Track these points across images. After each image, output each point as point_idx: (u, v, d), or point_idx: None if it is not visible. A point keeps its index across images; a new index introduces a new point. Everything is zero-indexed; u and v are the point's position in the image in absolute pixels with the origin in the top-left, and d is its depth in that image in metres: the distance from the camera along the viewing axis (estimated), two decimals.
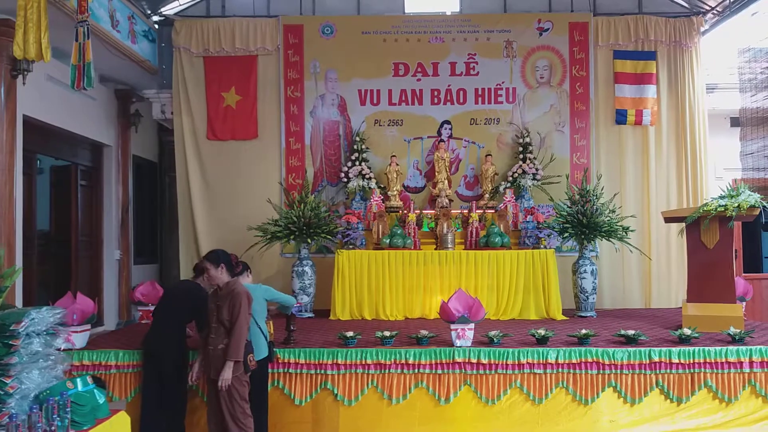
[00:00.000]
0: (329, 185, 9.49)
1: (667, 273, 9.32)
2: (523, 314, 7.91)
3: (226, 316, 4.75)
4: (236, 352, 4.64)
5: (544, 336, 5.86)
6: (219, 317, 4.80)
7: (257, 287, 5.43)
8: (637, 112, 9.41)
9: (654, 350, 5.72)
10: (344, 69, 9.52)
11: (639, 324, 7.32)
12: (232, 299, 4.75)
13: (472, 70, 9.53)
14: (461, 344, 5.75)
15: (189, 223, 9.46)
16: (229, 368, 4.64)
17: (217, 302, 4.87)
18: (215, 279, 4.92)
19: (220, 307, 4.81)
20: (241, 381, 4.75)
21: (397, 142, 9.49)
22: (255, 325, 5.32)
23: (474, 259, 8.01)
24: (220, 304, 4.83)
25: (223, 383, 4.63)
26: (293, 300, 5.62)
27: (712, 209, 6.62)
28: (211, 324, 4.91)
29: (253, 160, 9.49)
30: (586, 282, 8.05)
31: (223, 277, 4.91)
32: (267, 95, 9.55)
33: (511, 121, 9.51)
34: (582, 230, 7.95)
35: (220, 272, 4.89)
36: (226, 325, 4.75)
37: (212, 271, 4.89)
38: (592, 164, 9.40)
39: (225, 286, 4.90)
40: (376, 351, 5.74)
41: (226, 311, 4.76)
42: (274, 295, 5.46)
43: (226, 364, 4.64)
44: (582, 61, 9.51)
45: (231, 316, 4.73)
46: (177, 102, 9.56)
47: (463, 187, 9.55)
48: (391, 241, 8.12)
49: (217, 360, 4.73)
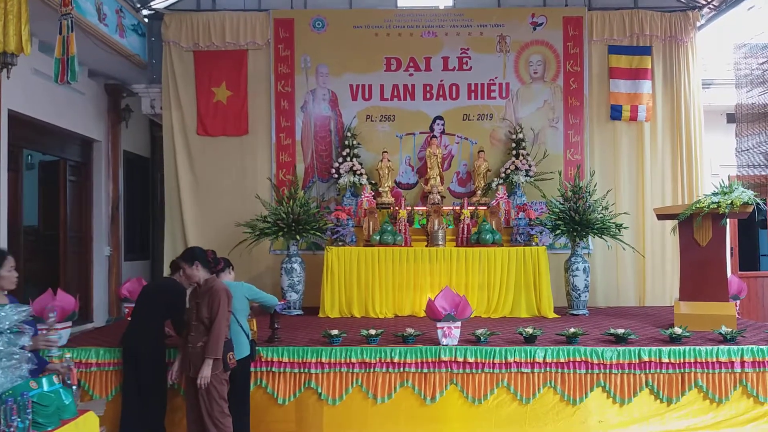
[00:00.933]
0: (320, 181, 9.39)
1: (661, 271, 9.21)
2: (514, 312, 7.82)
3: (205, 313, 4.66)
4: (215, 349, 4.56)
5: (532, 334, 5.76)
6: (198, 315, 4.71)
7: (239, 285, 5.34)
8: (632, 108, 9.28)
9: (644, 349, 5.63)
10: (335, 64, 9.40)
11: (631, 322, 7.23)
12: (211, 296, 4.67)
13: (465, 65, 9.41)
14: (447, 343, 5.66)
15: (177, 219, 9.36)
16: (207, 366, 4.56)
17: (197, 300, 4.79)
18: (192, 277, 4.84)
19: (200, 305, 4.72)
20: (220, 379, 4.66)
21: (389, 138, 9.38)
22: (236, 323, 5.24)
23: (465, 256, 7.91)
24: (199, 301, 4.75)
25: (201, 381, 4.55)
26: (275, 300, 5.52)
27: (705, 206, 6.51)
28: (190, 322, 4.83)
29: (244, 156, 9.38)
30: (578, 280, 7.95)
31: (200, 275, 4.82)
32: (257, 90, 9.43)
33: (504, 116, 9.40)
34: (574, 227, 7.85)
35: (196, 270, 4.80)
36: (206, 322, 4.67)
37: (187, 269, 4.81)
38: (586, 160, 9.29)
39: (204, 283, 4.81)
40: (360, 350, 5.64)
41: (205, 309, 4.67)
42: (256, 294, 5.37)
43: (205, 362, 4.56)
44: (576, 56, 9.39)
45: (210, 314, 4.64)
46: (166, 97, 9.45)
47: (455, 184, 9.44)
48: (381, 238, 8.03)
49: (196, 358, 4.65)
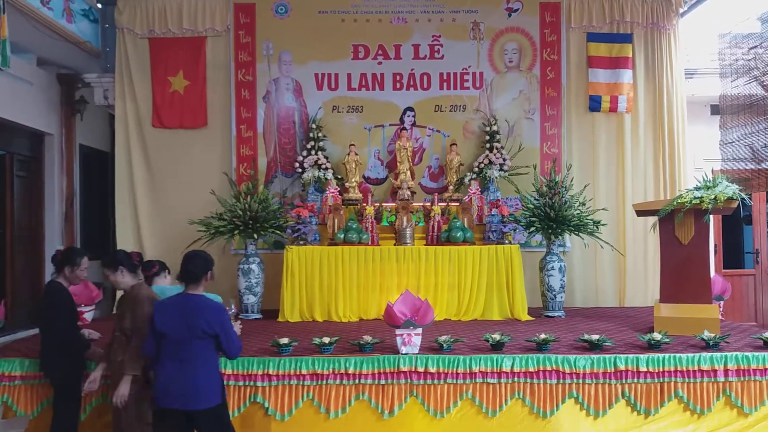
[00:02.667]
0: (284, 176, 8.87)
1: (643, 270, 8.79)
2: (486, 314, 7.37)
3: (127, 324, 4.16)
4: (133, 365, 4.04)
5: (499, 341, 5.30)
6: (120, 326, 4.21)
7: (173, 289, 4.83)
8: (611, 99, 8.84)
9: (620, 357, 5.19)
10: (300, 51, 8.88)
11: (609, 325, 6.81)
12: (133, 305, 4.16)
13: (437, 53, 8.92)
14: (407, 351, 5.18)
15: (130, 217, 8.81)
16: (125, 383, 4.04)
17: (121, 309, 4.28)
18: (118, 284, 4.34)
19: (122, 315, 4.21)
20: (141, 399, 4.14)
21: (357, 130, 8.88)
22: None
23: (434, 255, 7.44)
24: (122, 311, 4.24)
25: (118, 400, 4.03)
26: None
27: (687, 201, 6.08)
28: (114, 333, 4.33)
29: (202, 150, 8.84)
30: (554, 280, 7.50)
31: (126, 281, 4.32)
32: (217, 79, 8.89)
33: (477, 108, 8.92)
34: (549, 224, 7.40)
35: (121, 276, 4.29)
36: (128, 334, 4.15)
37: (111, 276, 4.30)
38: (564, 154, 8.84)
39: (129, 290, 4.30)
40: (312, 360, 5.16)
41: (127, 319, 4.16)
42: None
43: (123, 379, 4.04)
44: (553, 44, 8.93)
45: (132, 325, 4.13)
46: (120, 87, 8.89)
47: (427, 179, 8.96)
48: (345, 236, 7.53)
49: (116, 374, 4.14)
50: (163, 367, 3.78)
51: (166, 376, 3.75)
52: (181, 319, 3.74)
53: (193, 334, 3.74)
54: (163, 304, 3.89)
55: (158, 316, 3.80)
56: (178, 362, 3.73)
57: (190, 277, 3.87)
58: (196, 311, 3.78)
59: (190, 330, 3.74)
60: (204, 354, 3.78)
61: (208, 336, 3.78)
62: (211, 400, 3.81)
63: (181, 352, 3.74)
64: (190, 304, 3.81)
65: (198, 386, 3.74)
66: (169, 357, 3.76)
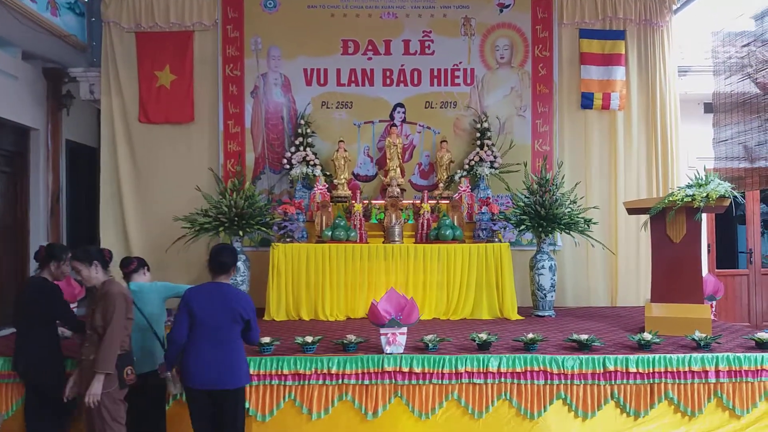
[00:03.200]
0: (272, 172, 8.73)
1: (635, 269, 8.68)
2: (475, 313, 7.25)
3: (99, 321, 4.03)
4: (105, 363, 3.92)
5: (486, 341, 5.18)
6: (92, 323, 4.07)
7: (152, 286, 4.71)
8: (604, 96, 8.74)
9: (609, 358, 5.08)
10: (288, 46, 8.74)
11: (599, 325, 6.71)
12: (105, 302, 4.03)
13: (428, 48, 8.80)
14: (392, 351, 5.06)
15: (116, 214, 8.66)
16: (97, 382, 3.92)
17: (92, 306, 4.15)
18: (90, 279, 4.21)
19: (94, 312, 4.08)
20: (114, 399, 4.01)
21: (347, 126, 8.75)
22: (150, 331, 4.63)
23: (422, 253, 7.32)
24: (94, 308, 4.10)
25: (90, 399, 3.91)
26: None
27: (679, 200, 5.98)
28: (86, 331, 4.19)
29: (189, 145, 8.70)
30: (544, 279, 7.39)
31: (98, 277, 4.19)
32: (204, 74, 8.75)
33: (468, 104, 8.80)
34: (539, 222, 7.29)
35: (95, 271, 4.16)
36: (100, 332, 4.02)
37: (85, 271, 4.17)
38: (555, 151, 8.73)
39: (101, 287, 4.17)
40: (294, 359, 5.03)
41: (99, 316, 4.03)
42: (173, 289, 4.74)
43: (95, 377, 3.92)
44: (545, 40, 8.81)
45: (104, 322, 4.00)
46: (106, 81, 8.74)
47: (417, 176, 8.84)
48: (332, 234, 7.41)
49: (87, 372, 4.00)
50: (198, 351, 3.99)
51: (204, 358, 3.98)
52: (218, 305, 4.01)
53: (232, 319, 4.04)
54: (198, 291, 4.09)
55: (195, 303, 4.01)
56: (216, 344, 3.99)
57: (223, 267, 4.14)
58: (234, 298, 4.09)
59: (228, 315, 4.02)
60: (237, 337, 4.11)
61: (242, 321, 4.08)
62: (244, 379, 4.16)
63: (219, 335, 4.00)
64: (227, 292, 4.09)
65: (235, 366, 4.05)
66: (207, 341, 3.99)
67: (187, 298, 4.07)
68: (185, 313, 4.01)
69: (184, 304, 4.04)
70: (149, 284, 4.80)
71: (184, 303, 4.05)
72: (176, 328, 4.02)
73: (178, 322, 4.03)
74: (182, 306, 4.05)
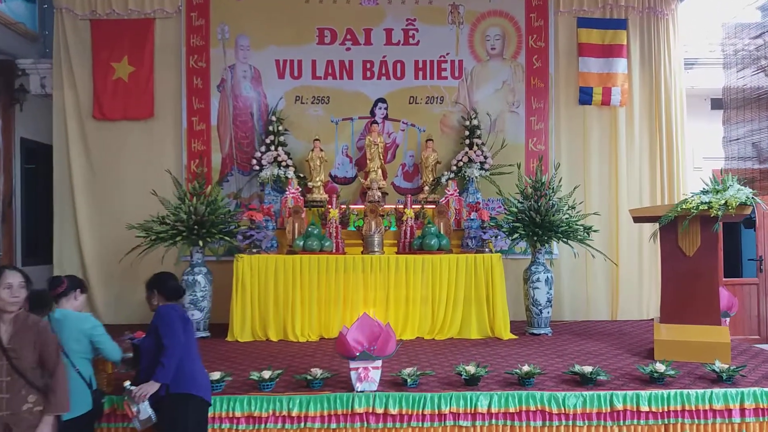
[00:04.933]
0: (240, 174, 7.97)
1: (637, 280, 8.00)
2: (463, 332, 6.53)
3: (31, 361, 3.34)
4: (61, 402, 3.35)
5: (474, 375, 4.44)
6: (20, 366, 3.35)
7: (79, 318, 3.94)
8: (604, 91, 8.02)
9: (617, 395, 4.35)
10: (259, 35, 7.99)
11: (601, 346, 6.02)
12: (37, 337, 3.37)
13: (412, 38, 8.06)
14: (364, 388, 4.31)
15: (69, 217, 7.90)
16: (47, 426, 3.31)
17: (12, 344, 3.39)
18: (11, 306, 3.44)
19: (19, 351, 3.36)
20: None
21: (323, 124, 8.00)
22: (71, 367, 3.86)
23: (405, 264, 6.58)
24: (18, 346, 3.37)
25: None
26: (117, 353, 4.04)
27: (693, 207, 5.26)
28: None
29: (149, 144, 7.95)
30: (540, 293, 6.67)
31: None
32: (166, 66, 7.99)
33: (456, 99, 8.07)
34: (534, 230, 6.56)
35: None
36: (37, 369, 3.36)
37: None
38: (551, 151, 8.02)
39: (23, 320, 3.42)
40: (247, 399, 4.27)
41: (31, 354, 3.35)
42: (97, 338, 3.95)
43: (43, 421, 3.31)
44: (540, 29, 8.09)
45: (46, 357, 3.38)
46: (58, 74, 7.97)
47: (400, 178, 8.10)
48: (305, 244, 6.65)
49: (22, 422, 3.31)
50: (194, 363, 3.83)
51: (202, 370, 3.91)
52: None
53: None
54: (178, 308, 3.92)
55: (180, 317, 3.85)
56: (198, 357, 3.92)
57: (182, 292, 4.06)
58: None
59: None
60: None
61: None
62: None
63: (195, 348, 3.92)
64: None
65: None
66: (196, 352, 3.89)
67: (179, 310, 3.89)
68: (179, 321, 3.77)
69: (179, 314, 3.83)
70: (77, 315, 4.00)
71: (177, 313, 3.82)
72: (177, 338, 3.71)
73: (176, 330, 3.72)
74: (174, 314, 3.79)
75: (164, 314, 3.79)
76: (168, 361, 3.67)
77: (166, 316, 3.78)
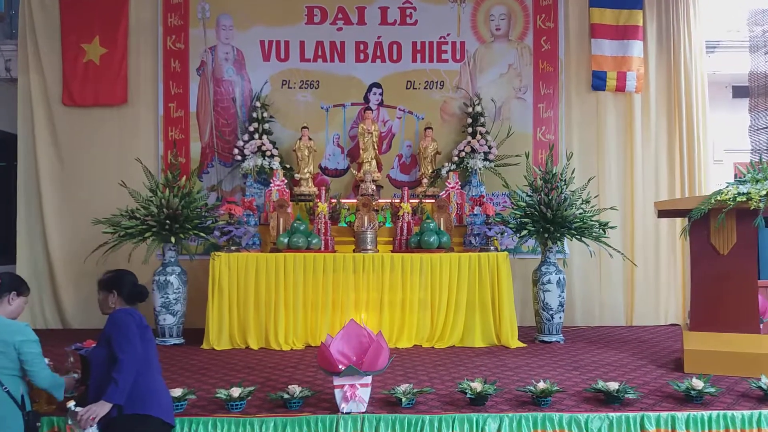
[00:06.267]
0: (222, 165, 7.32)
1: (654, 282, 7.35)
2: (466, 340, 5.88)
3: None
4: None
5: (481, 393, 3.78)
6: None
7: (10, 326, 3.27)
8: (618, 75, 7.37)
9: (649, 416, 3.69)
10: (242, 14, 7.36)
11: (622, 356, 5.40)
12: None
13: (409, 18, 7.42)
14: (350, 409, 3.65)
15: (35, 213, 7.25)
16: None
17: None
18: None
19: None
20: None
21: (312, 110, 7.36)
22: None
23: (401, 264, 5.93)
24: None
25: None
26: (48, 380, 3.35)
27: (729, 199, 4.61)
28: None
29: (122, 132, 7.32)
30: (551, 296, 6.02)
31: None
32: (141, 47, 7.36)
33: (458, 84, 7.43)
34: (545, 227, 5.91)
35: None
36: None
37: None
38: (561, 141, 7.38)
39: None
40: (212, 422, 3.61)
41: None
42: (27, 357, 3.26)
43: None
44: (549, 8, 7.46)
45: None
46: (24, 56, 7.34)
47: (396, 170, 7.46)
48: (290, 241, 6.00)
49: None
50: (153, 379, 3.22)
51: (163, 387, 3.28)
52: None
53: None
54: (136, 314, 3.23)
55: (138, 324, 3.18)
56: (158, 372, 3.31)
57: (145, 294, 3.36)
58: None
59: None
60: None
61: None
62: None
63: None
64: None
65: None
66: (156, 366, 3.27)
67: (137, 316, 3.20)
68: (136, 330, 3.14)
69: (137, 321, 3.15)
70: (7, 323, 3.32)
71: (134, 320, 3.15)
72: (134, 350, 3.07)
73: (133, 341, 3.09)
74: (130, 321, 3.14)
75: (120, 321, 3.13)
76: (122, 378, 3.01)
77: (121, 324, 3.12)
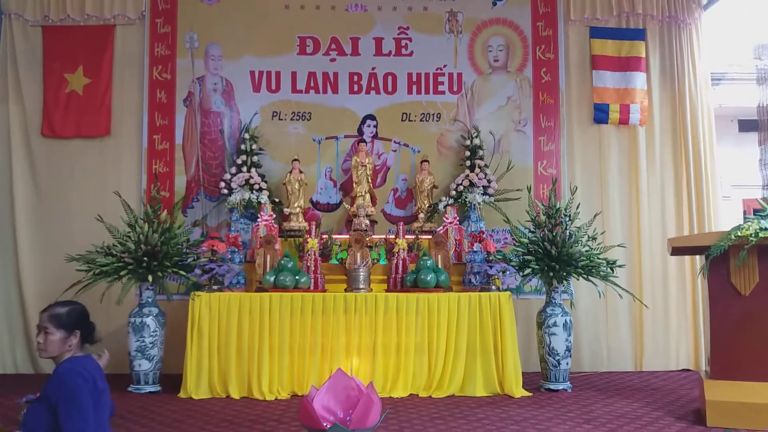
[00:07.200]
0: (208, 200, 6.96)
1: (663, 323, 6.94)
2: (466, 388, 5.44)
3: None
4: None
5: None
6: None
7: None
8: (622, 108, 7.12)
9: None
10: (232, 44, 7.10)
11: (635, 405, 5.01)
12: None
13: (405, 48, 7.18)
14: None
15: (9, 250, 6.84)
16: None
17: None
18: None
19: None
20: None
21: (304, 143, 7.05)
22: None
23: (396, 304, 5.53)
24: None
25: None
26: None
27: (751, 235, 4.27)
28: None
29: (104, 165, 6.95)
30: (557, 340, 5.61)
31: None
32: (126, 78, 7.06)
33: (455, 117, 7.14)
34: (550, 264, 5.54)
35: None
36: None
37: None
38: (563, 175, 7.06)
39: None
40: None
41: None
42: None
43: None
44: (549, 39, 7.22)
45: None
46: (3, 85, 7.05)
47: (392, 204, 7.11)
48: (276, 279, 5.60)
49: None
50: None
51: None
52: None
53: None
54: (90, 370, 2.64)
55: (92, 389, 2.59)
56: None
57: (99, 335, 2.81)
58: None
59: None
60: None
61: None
62: None
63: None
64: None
65: None
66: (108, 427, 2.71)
67: (91, 374, 2.60)
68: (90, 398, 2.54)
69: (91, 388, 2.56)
70: None
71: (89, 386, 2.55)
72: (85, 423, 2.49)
73: (85, 416, 2.50)
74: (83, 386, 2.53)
75: (72, 385, 2.53)
76: None
77: (74, 390, 2.52)
